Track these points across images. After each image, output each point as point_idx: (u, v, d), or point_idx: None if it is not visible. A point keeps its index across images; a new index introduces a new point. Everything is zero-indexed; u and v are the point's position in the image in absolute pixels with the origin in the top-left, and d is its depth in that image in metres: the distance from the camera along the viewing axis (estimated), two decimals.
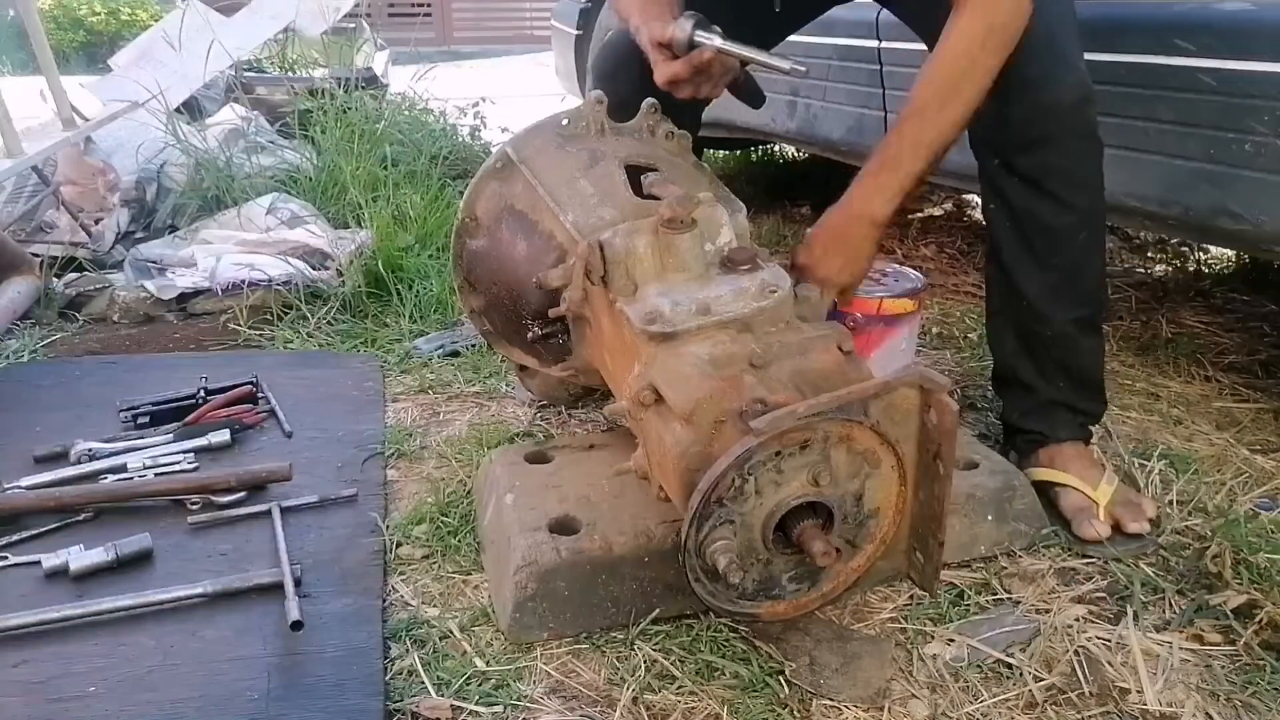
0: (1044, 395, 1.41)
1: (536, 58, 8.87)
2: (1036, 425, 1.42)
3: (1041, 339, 1.38)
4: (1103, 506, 1.33)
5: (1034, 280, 1.35)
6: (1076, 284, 1.36)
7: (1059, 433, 1.40)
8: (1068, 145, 1.28)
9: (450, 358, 1.93)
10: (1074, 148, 1.29)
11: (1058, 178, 1.29)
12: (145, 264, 2.29)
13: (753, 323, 1.11)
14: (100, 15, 9.18)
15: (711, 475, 0.95)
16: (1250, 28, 1.37)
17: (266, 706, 0.99)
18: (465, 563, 1.27)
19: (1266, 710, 1.04)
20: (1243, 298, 2.37)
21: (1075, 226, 1.32)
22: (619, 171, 1.32)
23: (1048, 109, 1.25)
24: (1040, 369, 1.40)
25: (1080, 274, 1.36)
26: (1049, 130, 1.26)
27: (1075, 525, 1.33)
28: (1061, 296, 1.35)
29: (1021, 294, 1.37)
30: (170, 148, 2.80)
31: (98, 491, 1.35)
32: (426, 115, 3.57)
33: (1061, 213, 1.31)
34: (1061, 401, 1.41)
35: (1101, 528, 1.31)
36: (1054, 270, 1.34)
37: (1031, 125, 1.26)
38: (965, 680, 1.08)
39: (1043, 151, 1.28)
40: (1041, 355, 1.40)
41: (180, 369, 1.81)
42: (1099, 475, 1.37)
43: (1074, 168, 1.30)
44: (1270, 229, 1.39)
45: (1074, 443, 1.41)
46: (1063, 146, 1.28)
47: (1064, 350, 1.39)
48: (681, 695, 1.04)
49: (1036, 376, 1.41)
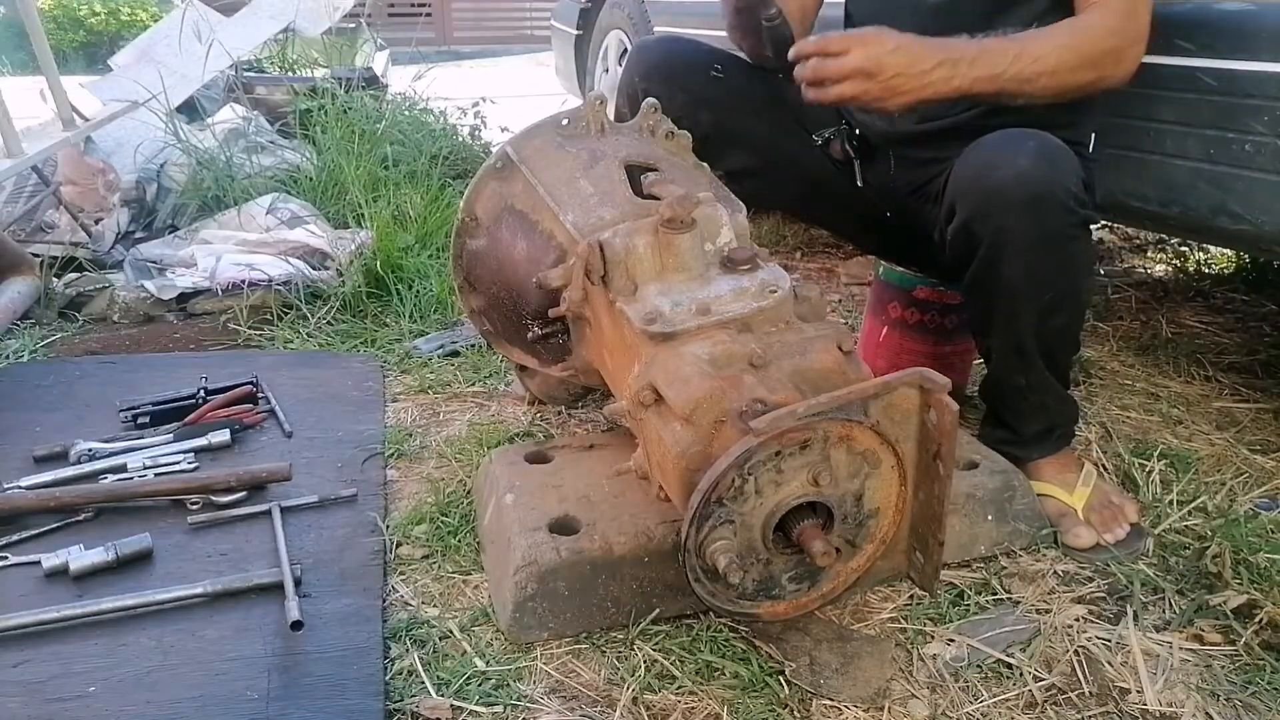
0: (1024, 434, 1.41)
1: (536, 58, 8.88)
2: (1017, 453, 1.40)
3: (1018, 389, 1.37)
4: (1080, 510, 1.34)
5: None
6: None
7: (1033, 454, 1.40)
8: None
9: (450, 358, 1.93)
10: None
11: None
12: (145, 264, 2.29)
13: (752, 322, 1.11)
14: (100, 15, 9.18)
15: (711, 475, 0.95)
16: (1250, 28, 1.37)
17: (266, 706, 0.99)
18: (465, 563, 1.27)
19: (1266, 710, 1.04)
20: (1243, 298, 2.37)
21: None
22: (619, 171, 1.32)
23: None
24: (1019, 413, 1.40)
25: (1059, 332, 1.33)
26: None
27: (1061, 533, 1.33)
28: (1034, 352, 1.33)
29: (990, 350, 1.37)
30: (170, 148, 2.80)
31: (98, 491, 1.35)
32: (426, 115, 3.57)
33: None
34: (1040, 431, 1.40)
35: (1086, 534, 1.31)
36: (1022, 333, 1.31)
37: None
38: (965, 680, 1.08)
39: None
40: (1019, 402, 1.39)
41: (180, 369, 1.81)
42: (1075, 478, 1.37)
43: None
44: (1270, 229, 1.39)
45: (1048, 457, 1.41)
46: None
47: (1043, 393, 1.37)
48: (681, 695, 1.05)
49: (1016, 419, 1.41)
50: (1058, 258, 1.24)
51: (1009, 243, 1.22)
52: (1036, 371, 1.34)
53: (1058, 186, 1.20)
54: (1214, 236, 1.71)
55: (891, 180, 1.57)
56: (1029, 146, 1.21)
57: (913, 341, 1.68)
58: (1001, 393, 1.41)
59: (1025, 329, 1.29)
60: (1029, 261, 1.23)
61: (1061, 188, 1.20)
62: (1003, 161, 1.21)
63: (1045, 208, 1.20)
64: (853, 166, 1.59)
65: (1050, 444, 1.41)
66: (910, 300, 1.66)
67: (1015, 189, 1.19)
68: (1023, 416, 1.40)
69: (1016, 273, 1.24)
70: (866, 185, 1.58)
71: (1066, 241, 1.24)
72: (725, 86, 1.55)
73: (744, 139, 1.57)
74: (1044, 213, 1.20)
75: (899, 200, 1.57)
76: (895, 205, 1.58)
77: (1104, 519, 1.33)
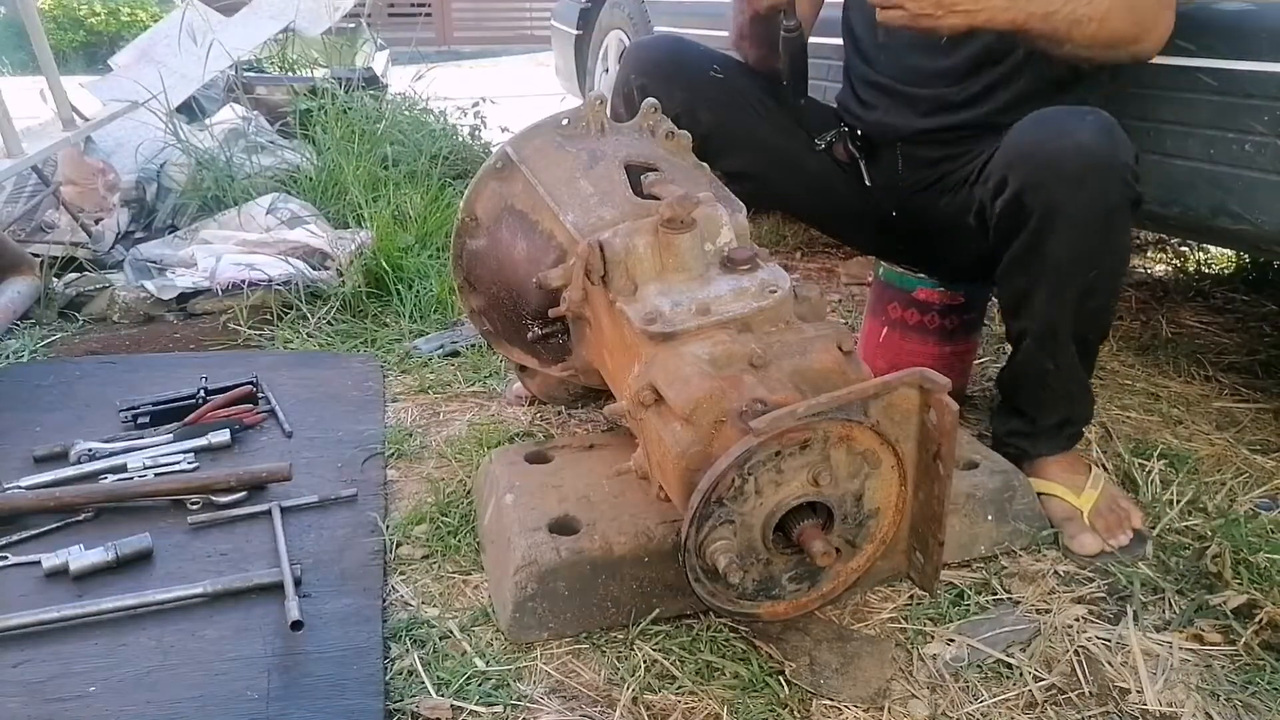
0: (1041, 425, 1.39)
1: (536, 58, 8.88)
2: (1027, 446, 1.40)
3: (1044, 375, 1.35)
4: (1085, 514, 1.32)
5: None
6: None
7: (1042, 449, 1.40)
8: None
9: (450, 358, 1.93)
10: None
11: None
12: (145, 264, 2.29)
13: (752, 322, 1.11)
14: (100, 15, 9.18)
15: (711, 475, 0.95)
16: (1250, 28, 1.37)
17: (266, 706, 0.99)
18: (465, 563, 1.27)
19: (1266, 710, 1.04)
20: (1243, 298, 2.37)
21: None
22: (619, 171, 1.32)
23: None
24: (1039, 402, 1.38)
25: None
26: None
27: (1064, 536, 1.33)
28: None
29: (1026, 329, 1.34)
30: (170, 148, 2.80)
31: (98, 491, 1.35)
32: (426, 115, 3.57)
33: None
34: (1056, 424, 1.39)
35: (1090, 541, 1.30)
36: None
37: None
38: (965, 680, 1.08)
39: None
40: (1042, 390, 1.37)
41: (180, 369, 1.81)
42: (1083, 479, 1.36)
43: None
44: (1270, 229, 1.39)
45: (1056, 455, 1.40)
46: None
47: (1068, 381, 1.36)
48: (681, 695, 1.04)
49: (1035, 408, 1.39)
50: (1107, 235, 1.22)
51: (1062, 215, 1.20)
52: (1067, 356, 1.31)
53: (1117, 160, 1.19)
54: (1214, 236, 1.71)
55: (899, 179, 1.57)
56: (1088, 120, 1.20)
57: (912, 342, 1.68)
58: (1025, 379, 1.38)
59: (1064, 309, 1.27)
60: (1080, 236, 1.21)
61: (1120, 162, 1.19)
62: (1062, 133, 1.20)
63: (1103, 181, 1.19)
64: (859, 166, 1.58)
65: (1061, 439, 1.40)
66: (910, 301, 1.66)
67: (1075, 160, 1.18)
68: (1043, 405, 1.38)
69: (1065, 248, 1.22)
70: (873, 184, 1.58)
71: (1118, 219, 1.22)
72: (726, 86, 1.55)
73: (745, 140, 1.57)
74: (1102, 186, 1.19)
75: (906, 198, 1.57)
76: (902, 203, 1.58)
77: (1109, 524, 1.32)
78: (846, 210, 1.64)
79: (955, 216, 1.46)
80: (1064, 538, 1.32)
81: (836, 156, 1.60)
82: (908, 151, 1.55)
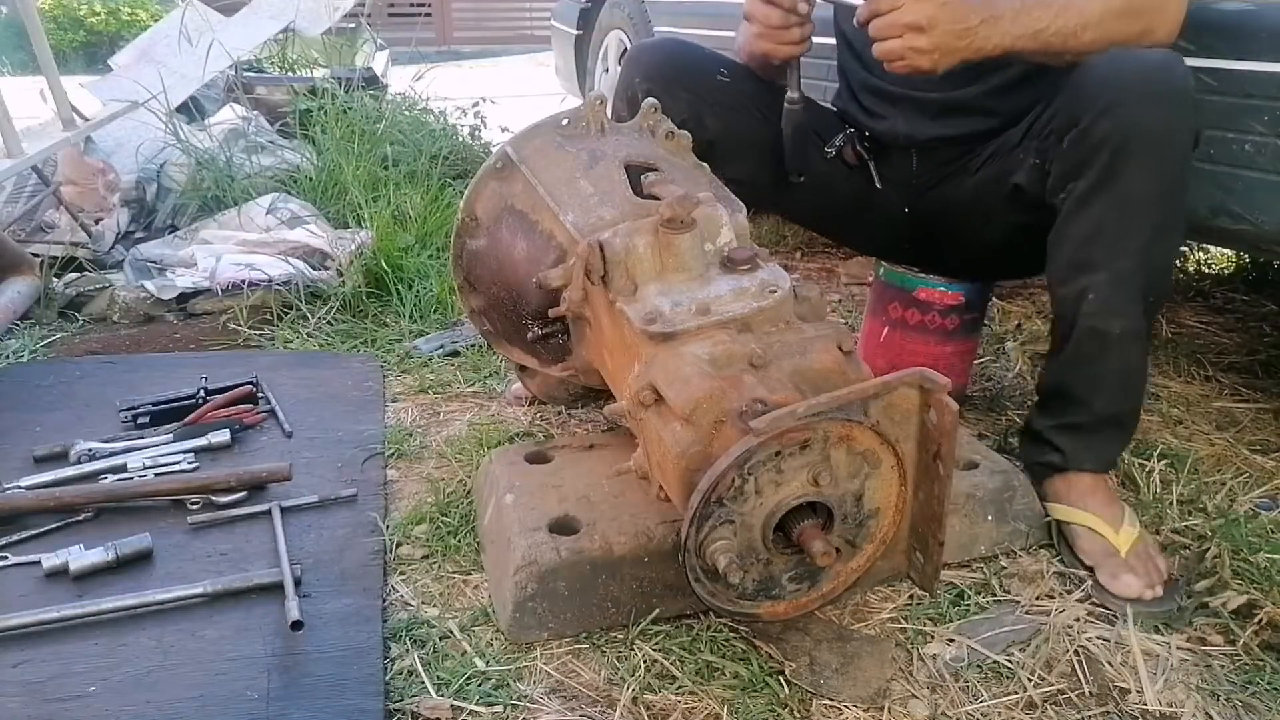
0: (1097, 412, 1.31)
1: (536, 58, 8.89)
2: (1073, 447, 1.32)
3: (1107, 343, 1.27)
4: (1124, 553, 1.24)
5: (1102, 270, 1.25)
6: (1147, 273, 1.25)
7: (1086, 458, 1.32)
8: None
9: (450, 358, 1.93)
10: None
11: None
12: (145, 264, 2.29)
13: (752, 322, 1.11)
14: (100, 15, 9.18)
15: (712, 475, 0.95)
16: (1250, 28, 1.37)
17: (266, 706, 0.99)
18: (465, 563, 1.27)
19: (1266, 710, 1.04)
20: (1243, 298, 2.37)
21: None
22: (619, 171, 1.32)
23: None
24: (1097, 381, 1.30)
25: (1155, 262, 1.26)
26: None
27: (1101, 575, 1.24)
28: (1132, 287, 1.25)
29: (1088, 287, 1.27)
30: (170, 148, 2.80)
31: (98, 491, 1.35)
32: (426, 115, 3.57)
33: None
34: (1108, 417, 1.31)
35: (1134, 583, 1.21)
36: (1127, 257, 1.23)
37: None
38: (965, 680, 1.08)
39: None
40: (1103, 363, 1.28)
41: (180, 369, 1.81)
42: (1120, 515, 1.28)
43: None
44: (1270, 229, 1.39)
45: (1094, 474, 1.32)
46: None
47: (1128, 353, 1.28)
48: (681, 695, 1.04)
49: (1091, 390, 1.30)
50: (1180, 163, 1.21)
51: (1139, 139, 1.18)
52: (1133, 317, 1.25)
53: (1187, 83, 1.20)
54: (1214, 236, 1.71)
55: (912, 176, 1.55)
56: (1152, 50, 1.21)
57: (913, 342, 1.68)
58: (1081, 355, 1.29)
59: (1134, 252, 1.22)
60: (1157, 162, 1.19)
61: (1189, 85, 1.20)
62: (1130, 59, 1.20)
63: (1177, 103, 1.19)
64: (869, 168, 1.57)
65: (1109, 449, 1.34)
66: (910, 301, 1.66)
67: (1151, 80, 1.18)
68: (1103, 385, 1.29)
69: (1141, 175, 1.19)
70: (885, 183, 1.57)
71: (1189, 145, 1.22)
72: (732, 90, 1.53)
73: (752, 145, 1.54)
74: (1176, 107, 1.19)
75: (920, 194, 1.56)
76: (915, 199, 1.57)
77: (1146, 568, 1.23)
78: (853, 212, 1.63)
79: (981, 197, 1.43)
80: (1100, 575, 1.23)
81: (847, 160, 1.59)
82: (923, 153, 1.54)
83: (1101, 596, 1.22)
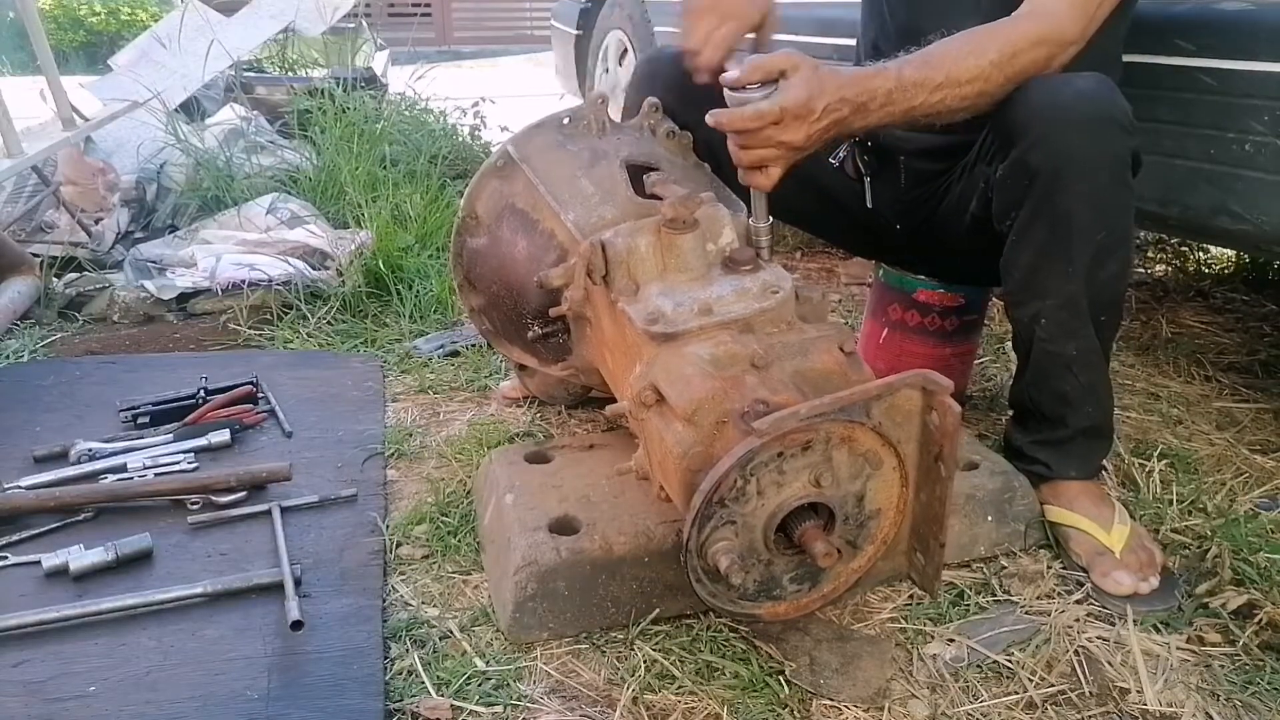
0: (1072, 426, 1.32)
1: (536, 58, 8.89)
2: (1053, 460, 1.34)
3: (1067, 365, 1.29)
4: (1118, 552, 1.25)
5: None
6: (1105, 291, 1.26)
7: (1070, 468, 1.33)
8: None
9: (450, 358, 1.93)
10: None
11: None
12: (145, 264, 2.29)
13: (754, 323, 1.11)
14: (100, 15, 9.17)
15: (714, 476, 0.95)
16: (1250, 28, 1.37)
17: (266, 706, 0.99)
18: (465, 563, 1.27)
19: (1266, 710, 1.04)
20: (1243, 298, 2.37)
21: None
22: (620, 171, 1.32)
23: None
24: (1065, 399, 1.31)
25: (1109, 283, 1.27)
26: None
27: (1095, 574, 1.25)
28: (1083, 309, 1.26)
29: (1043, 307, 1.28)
30: (170, 148, 2.80)
31: (98, 491, 1.35)
32: (426, 115, 3.57)
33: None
34: (1086, 429, 1.33)
35: (1127, 580, 1.22)
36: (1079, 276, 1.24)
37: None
38: (965, 680, 1.08)
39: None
40: (1067, 383, 1.30)
41: (180, 369, 1.80)
42: (1110, 514, 1.29)
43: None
44: (1270, 229, 1.39)
45: (1082, 481, 1.34)
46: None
47: (1090, 369, 1.29)
48: (681, 695, 1.04)
49: (1063, 407, 1.32)
50: (1114, 188, 1.20)
51: (1071, 167, 1.18)
52: (1086, 337, 1.26)
53: (1117, 108, 1.18)
54: (1214, 236, 1.71)
55: (902, 194, 1.56)
56: (1081, 76, 1.19)
57: (913, 343, 1.68)
58: (1046, 376, 1.31)
59: (1078, 276, 1.22)
60: (1090, 188, 1.18)
61: (1120, 109, 1.18)
62: (1059, 87, 1.19)
63: (1108, 128, 1.18)
64: (864, 185, 1.57)
65: (1091, 457, 1.35)
66: (910, 302, 1.66)
67: (1079, 107, 1.17)
68: (1071, 403, 1.30)
69: (1075, 201, 1.19)
70: (877, 200, 1.57)
71: (1124, 169, 1.20)
72: None
73: None
74: (1107, 133, 1.18)
75: (907, 211, 1.56)
76: (905, 217, 1.57)
77: (1140, 562, 1.24)
78: (853, 223, 1.63)
79: (959, 214, 1.44)
80: (1094, 575, 1.24)
81: (848, 172, 1.60)
82: (911, 165, 1.53)
83: (1099, 596, 1.23)
